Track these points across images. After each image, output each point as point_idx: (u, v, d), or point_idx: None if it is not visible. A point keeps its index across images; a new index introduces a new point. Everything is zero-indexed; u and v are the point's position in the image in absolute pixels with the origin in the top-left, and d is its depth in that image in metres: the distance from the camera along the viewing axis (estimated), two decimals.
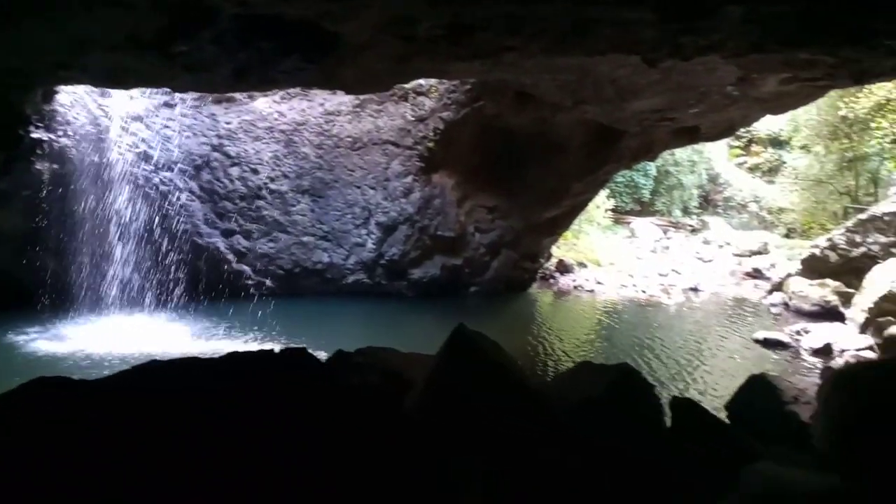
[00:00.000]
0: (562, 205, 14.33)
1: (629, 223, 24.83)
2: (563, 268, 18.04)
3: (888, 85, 17.37)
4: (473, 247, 14.44)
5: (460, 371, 4.02)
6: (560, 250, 18.59)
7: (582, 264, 18.59)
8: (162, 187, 12.25)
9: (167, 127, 12.41)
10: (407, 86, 13.10)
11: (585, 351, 11.44)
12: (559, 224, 15.88)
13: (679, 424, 5.15)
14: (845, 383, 0.76)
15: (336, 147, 13.75)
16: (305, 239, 13.58)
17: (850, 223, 16.71)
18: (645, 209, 26.27)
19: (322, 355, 4.71)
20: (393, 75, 8.51)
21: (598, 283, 17.63)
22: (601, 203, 21.23)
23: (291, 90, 13.15)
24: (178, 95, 12.15)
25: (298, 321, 11.80)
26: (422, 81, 13.02)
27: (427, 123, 13.42)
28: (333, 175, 13.69)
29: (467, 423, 3.44)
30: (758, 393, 8.79)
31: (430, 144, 13.40)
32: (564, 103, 10.85)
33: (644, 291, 17.17)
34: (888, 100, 18.14)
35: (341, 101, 13.70)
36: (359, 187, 13.74)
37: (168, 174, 12.34)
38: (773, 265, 19.41)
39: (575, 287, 17.34)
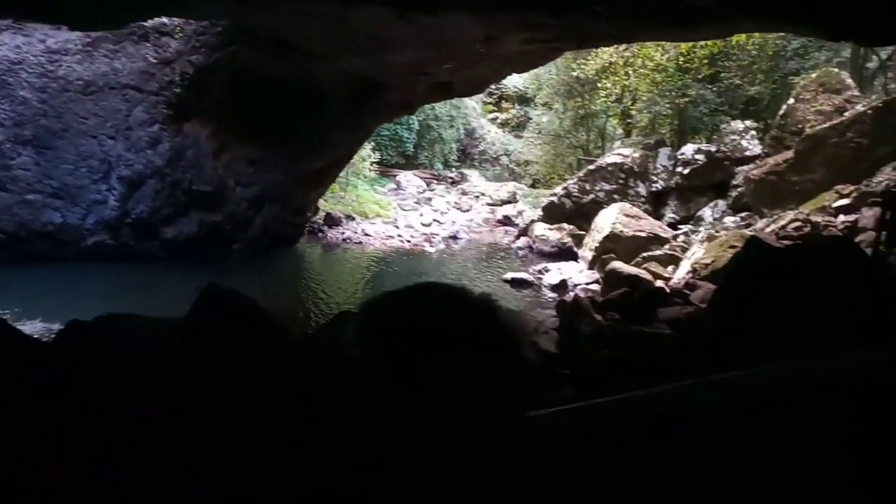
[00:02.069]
0: (326, 157, 14.17)
1: (395, 176, 25.48)
2: (331, 221, 18.01)
3: (610, 49, 19.78)
4: (234, 201, 13.69)
5: (211, 331, 3.83)
6: (328, 203, 18.49)
7: (350, 217, 18.71)
8: None
9: None
10: (147, 24, 11.77)
11: (352, 302, 11.63)
12: (325, 176, 15.73)
13: None
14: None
15: (64, 91, 11.95)
16: (31, 197, 11.74)
17: (581, 173, 18.98)
18: (409, 162, 27.11)
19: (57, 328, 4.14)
20: (128, 7, 7.58)
21: (366, 234, 17.93)
22: (367, 156, 21.43)
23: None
24: None
25: (26, 292, 10.23)
26: (165, 20, 11.80)
27: (174, 67, 12.25)
28: (62, 123, 11.92)
29: (219, 385, 3.30)
30: None
31: (179, 90, 12.27)
32: (324, 53, 10.62)
33: (409, 241, 17.86)
34: (611, 63, 20.68)
35: (68, 37, 11.89)
36: (95, 137, 12.15)
37: None
38: (520, 213, 21.40)
39: (343, 240, 17.44)
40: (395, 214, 20.48)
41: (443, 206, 23.00)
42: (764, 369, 1.90)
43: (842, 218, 12.01)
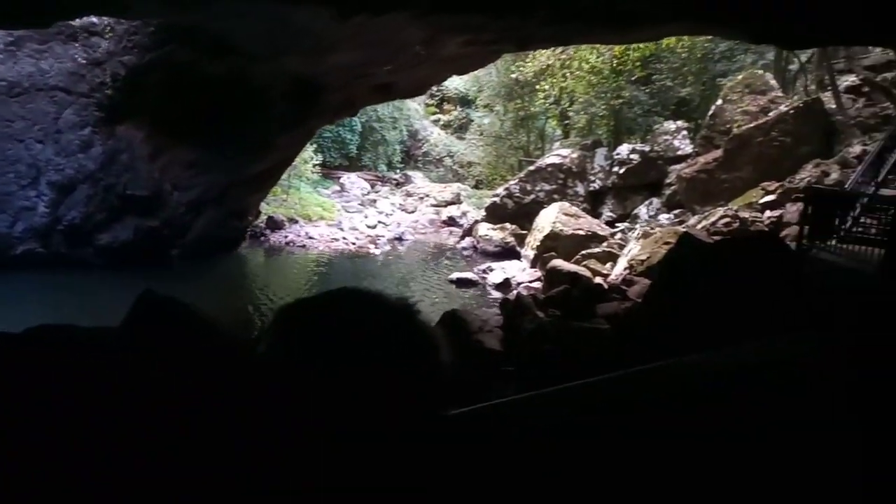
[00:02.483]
0: (267, 159, 13.96)
1: (338, 178, 25.30)
2: (274, 224, 17.76)
3: (548, 52, 20.19)
4: (172, 205, 13.33)
5: (147, 339, 3.76)
6: (270, 206, 18.22)
7: (293, 220, 18.49)
8: None
9: None
10: (75, 23, 11.36)
11: None
12: (267, 179, 15.49)
13: None
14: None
15: None
16: None
17: (522, 174, 19.32)
18: (353, 164, 26.97)
19: None
20: (54, 5, 7.31)
21: (310, 237, 17.75)
22: (309, 158, 21.21)
23: None
24: None
25: None
26: (94, 19, 11.42)
27: (104, 68, 11.84)
28: None
29: (157, 394, 3.25)
30: (450, 327, 9.81)
31: (111, 92, 11.88)
32: (263, 53, 10.48)
33: (354, 244, 17.77)
34: (548, 65, 21.10)
35: None
36: (21, 141, 11.64)
37: None
38: (464, 213, 21.60)
39: (287, 243, 17.22)
40: (339, 217, 20.34)
41: (387, 207, 22.98)
42: (680, 360, 2.02)
43: (768, 213, 12.61)
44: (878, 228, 8.62)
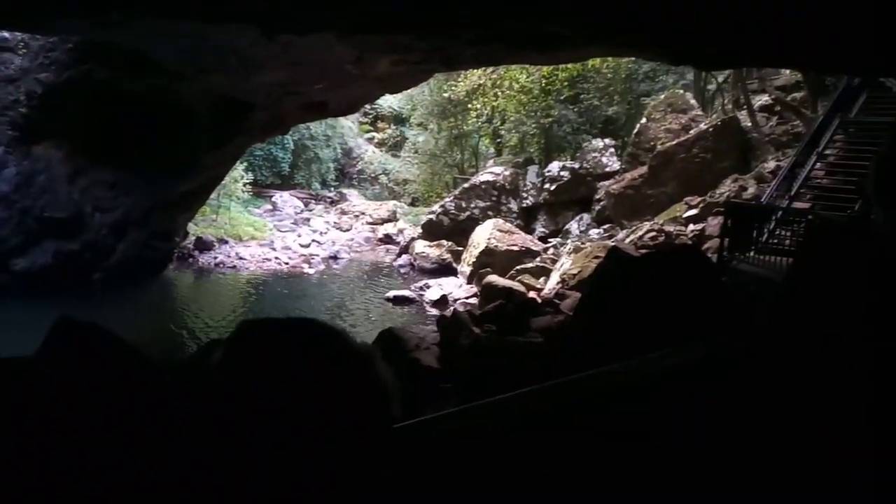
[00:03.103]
0: (194, 178, 13.59)
1: (270, 196, 24.88)
2: (203, 245, 17.25)
3: (479, 72, 20.55)
4: (94, 228, 12.78)
5: (64, 367, 3.58)
6: (198, 227, 17.71)
7: (223, 240, 18.01)
8: None
9: None
10: None
11: (224, 330, 11.20)
12: (194, 199, 15.07)
13: None
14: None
15: None
16: None
17: (457, 191, 19.49)
18: (285, 182, 26.59)
19: None
20: None
21: (241, 258, 17.33)
22: (239, 177, 20.76)
23: None
24: None
25: None
26: (6, 34, 10.91)
27: (18, 85, 11.31)
28: None
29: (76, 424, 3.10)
30: (387, 345, 9.75)
31: (25, 111, 11.34)
32: (186, 71, 10.25)
33: (287, 263, 17.46)
34: (480, 84, 21.47)
35: None
36: None
37: None
38: (401, 231, 21.57)
39: (217, 264, 16.75)
40: (271, 236, 19.95)
41: (322, 226, 22.72)
42: (602, 369, 2.09)
43: (691, 227, 13.14)
44: (792, 240, 9.11)
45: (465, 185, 19.30)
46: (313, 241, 20.31)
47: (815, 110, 13.93)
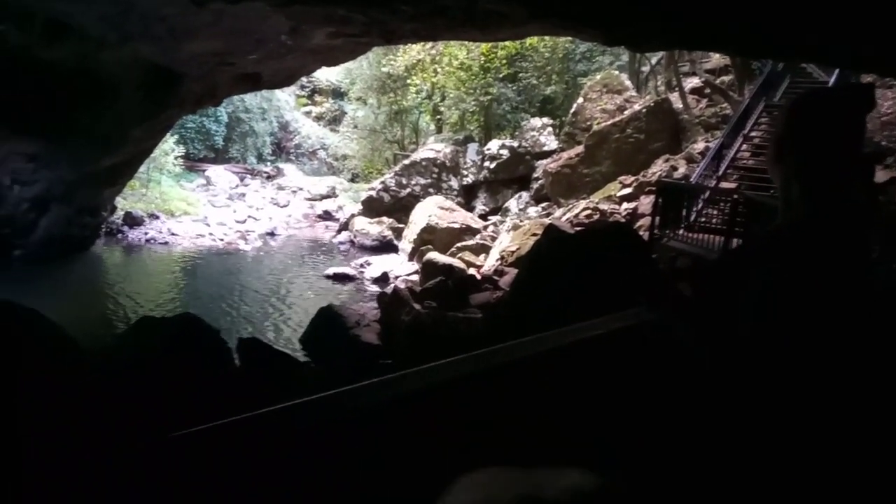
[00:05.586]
0: (121, 151, 12.99)
1: (203, 170, 24.11)
2: (132, 220, 16.62)
3: (418, 47, 20.36)
4: (13, 202, 12.13)
5: None
6: (127, 201, 17.03)
7: (153, 215, 17.39)
8: None
9: None
10: None
11: (158, 307, 10.87)
12: (122, 173, 14.43)
13: (246, 361, 5.42)
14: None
15: None
16: None
17: (397, 168, 19.37)
18: (219, 156, 25.80)
19: None
20: None
21: (173, 234, 16.79)
22: (170, 150, 20.00)
23: None
24: None
25: None
26: None
27: None
28: None
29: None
30: (326, 323, 9.70)
31: None
32: (110, 38, 9.74)
33: (222, 239, 17.02)
34: (419, 60, 21.28)
35: None
36: None
37: None
38: (340, 207, 21.32)
39: (147, 241, 16.18)
40: (205, 211, 19.38)
41: (258, 201, 22.22)
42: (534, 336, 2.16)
43: (625, 205, 13.50)
44: (719, 218, 9.49)
45: (406, 162, 19.19)
46: (249, 216, 19.86)
47: (741, 94, 14.45)
